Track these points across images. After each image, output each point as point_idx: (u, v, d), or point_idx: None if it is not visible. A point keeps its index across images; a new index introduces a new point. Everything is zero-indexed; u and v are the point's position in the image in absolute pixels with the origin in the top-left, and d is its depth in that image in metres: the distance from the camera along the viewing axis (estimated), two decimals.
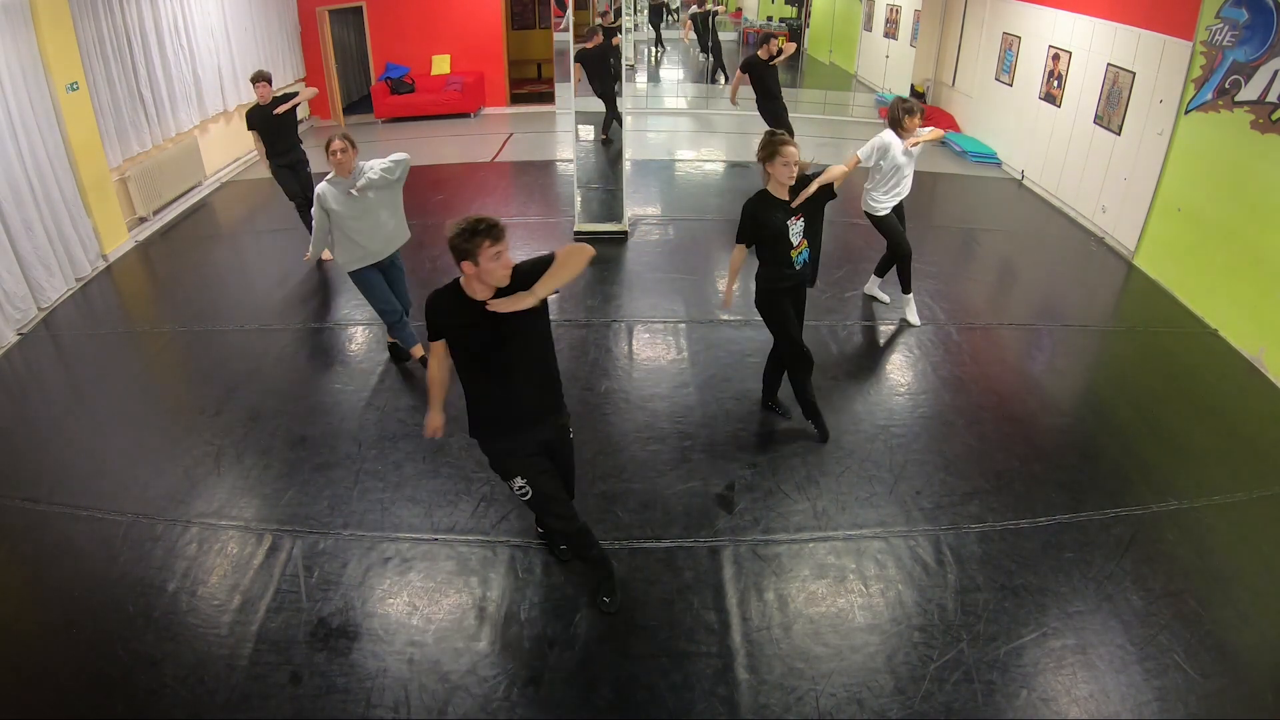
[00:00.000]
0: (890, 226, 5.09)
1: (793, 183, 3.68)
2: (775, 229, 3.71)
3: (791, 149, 3.60)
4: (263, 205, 7.54)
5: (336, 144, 4.16)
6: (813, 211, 3.77)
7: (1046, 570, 3.32)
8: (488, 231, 2.54)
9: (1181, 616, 3.11)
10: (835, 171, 3.73)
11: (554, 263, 2.64)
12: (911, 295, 5.29)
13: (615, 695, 2.80)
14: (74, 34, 5.81)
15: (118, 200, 6.47)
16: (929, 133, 4.86)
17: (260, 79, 5.91)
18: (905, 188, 4.98)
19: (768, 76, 7.61)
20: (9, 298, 5.16)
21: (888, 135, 4.82)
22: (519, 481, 2.85)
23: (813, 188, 3.68)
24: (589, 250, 2.67)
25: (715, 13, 13.27)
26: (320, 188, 4.26)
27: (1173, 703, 2.77)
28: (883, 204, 5.01)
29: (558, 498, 2.93)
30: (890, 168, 4.87)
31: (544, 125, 10.59)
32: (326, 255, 5.80)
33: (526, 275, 2.65)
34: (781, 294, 3.89)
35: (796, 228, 3.74)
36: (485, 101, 11.17)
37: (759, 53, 7.48)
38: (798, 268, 3.82)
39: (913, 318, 5.30)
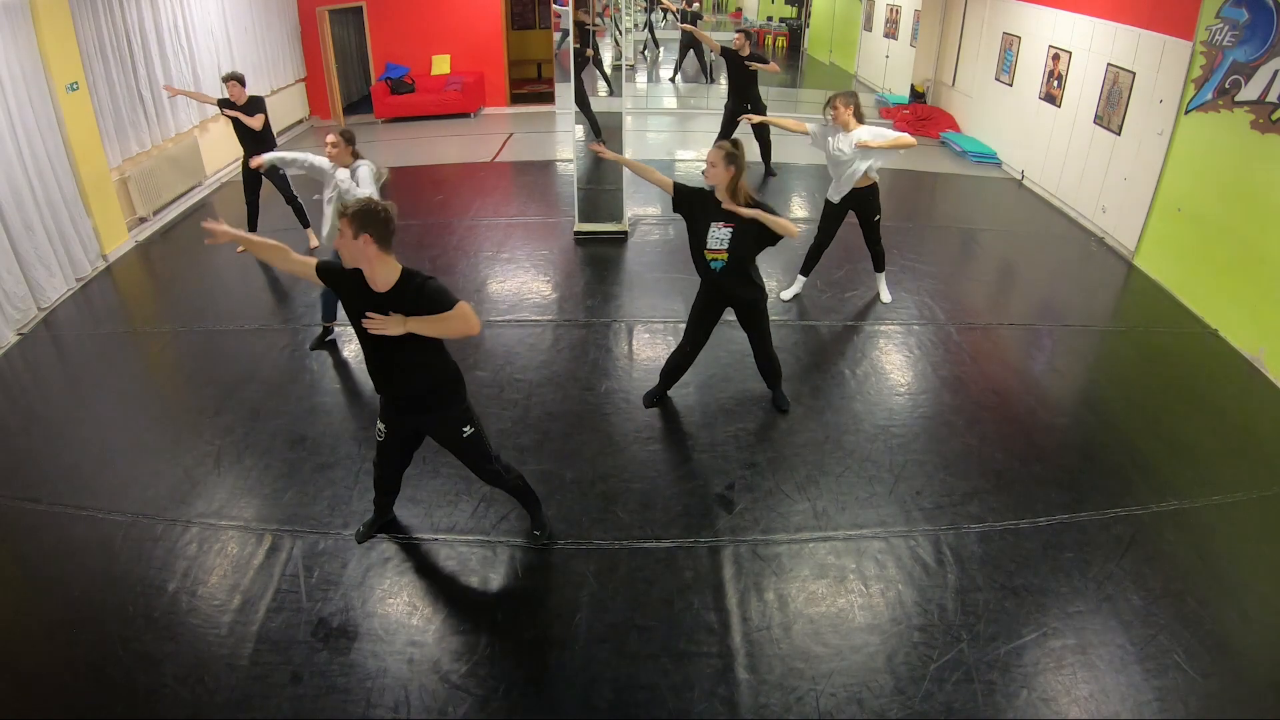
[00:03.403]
0: (824, 214, 5.30)
1: (715, 185, 3.70)
2: (697, 222, 3.82)
3: (709, 152, 3.70)
4: (262, 205, 7.53)
5: (330, 137, 4.50)
6: (753, 236, 3.73)
7: (1046, 570, 3.32)
8: (349, 216, 2.66)
9: (1181, 616, 3.11)
10: (779, 222, 3.63)
11: (444, 313, 2.71)
12: (804, 279, 5.60)
13: (615, 695, 2.80)
14: (74, 34, 5.81)
15: (118, 200, 6.47)
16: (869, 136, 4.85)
17: (229, 78, 5.96)
18: (841, 182, 5.08)
19: (737, 73, 7.65)
20: (9, 298, 5.16)
21: (814, 126, 5.10)
22: (380, 425, 3.12)
23: (745, 211, 3.65)
24: (476, 327, 2.75)
25: (699, 15, 13.46)
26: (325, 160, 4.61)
27: (1173, 703, 2.77)
28: (830, 192, 5.22)
29: (385, 461, 3.23)
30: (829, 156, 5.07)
31: (544, 125, 10.59)
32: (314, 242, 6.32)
33: (415, 294, 2.73)
34: (703, 287, 4.02)
35: (720, 234, 3.75)
36: (485, 101, 11.17)
37: (734, 42, 7.55)
38: (712, 270, 3.86)
39: (786, 294, 5.60)
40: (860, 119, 4.94)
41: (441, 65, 10.85)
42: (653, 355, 4.93)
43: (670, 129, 10.74)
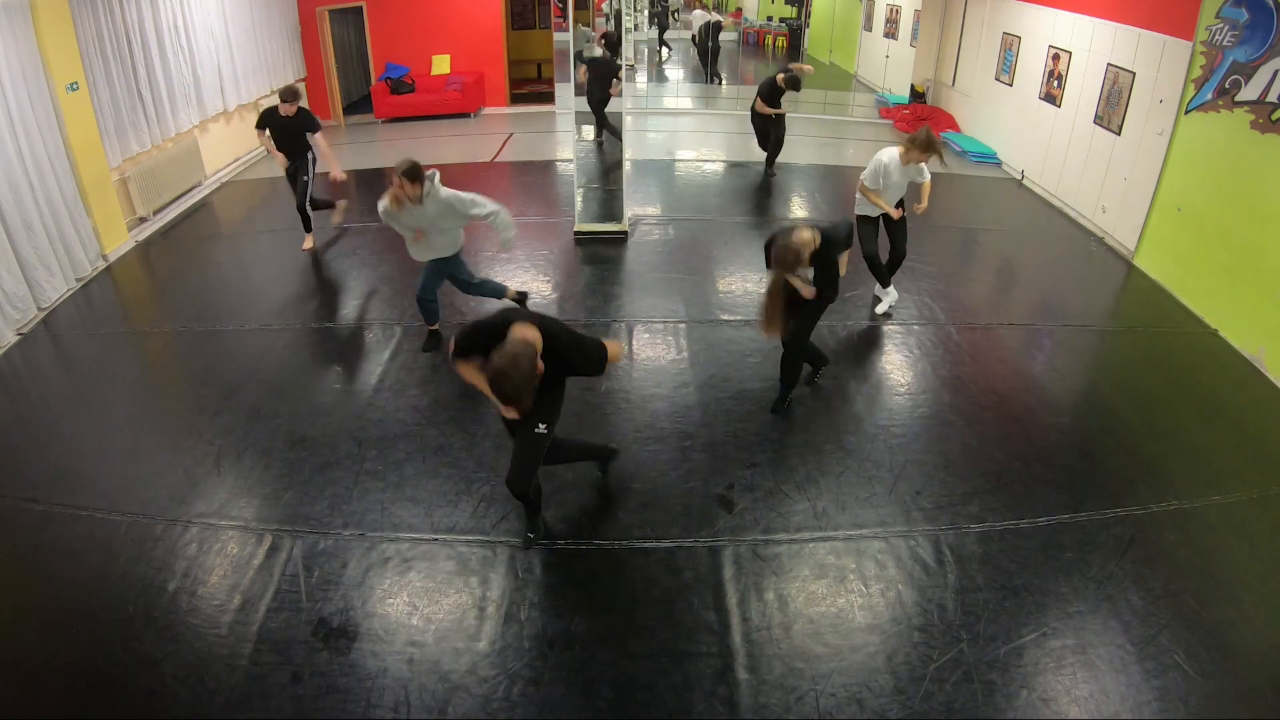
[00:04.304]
0: (863, 232, 5.23)
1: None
2: None
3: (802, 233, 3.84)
4: (262, 205, 7.55)
5: (395, 181, 4.29)
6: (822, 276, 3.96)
7: (1046, 570, 3.32)
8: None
9: (1181, 616, 3.11)
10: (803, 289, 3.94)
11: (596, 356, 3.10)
12: (890, 289, 5.51)
13: (615, 695, 2.80)
14: (74, 34, 5.81)
15: (118, 200, 6.47)
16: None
17: (289, 97, 5.99)
18: (892, 200, 5.16)
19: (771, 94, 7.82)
20: (9, 298, 5.16)
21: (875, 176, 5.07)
22: (542, 426, 3.15)
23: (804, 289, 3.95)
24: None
25: (719, 23, 13.53)
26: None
27: (1173, 703, 2.77)
28: (871, 210, 5.21)
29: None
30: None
31: (544, 125, 10.59)
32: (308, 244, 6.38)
33: (565, 350, 2.98)
34: None
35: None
36: (485, 101, 11.17)
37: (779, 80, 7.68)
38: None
39: (881, 307, 5.50)
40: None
41: (441, 65, 10.84)
42: (653, 355, 4.93)
43: (670, 129, 10.74)
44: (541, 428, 3.10)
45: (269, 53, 9.23)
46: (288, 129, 6.07)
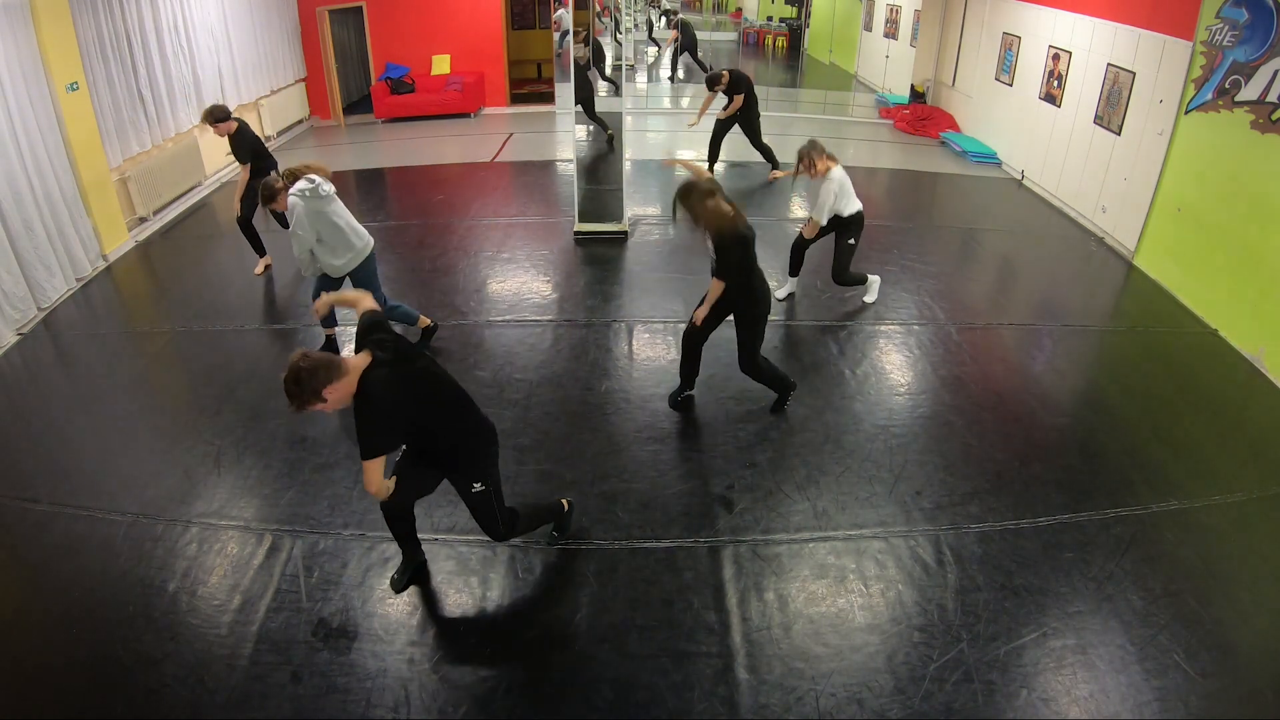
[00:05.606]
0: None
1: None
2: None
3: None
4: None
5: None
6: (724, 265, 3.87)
7: (1046, 570, 3.32)
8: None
9: (1181, 616, 3.11)
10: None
11: None
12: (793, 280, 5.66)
13: (615, 695, 2.80)
14: (74, 34, 5.81)
15: (118, 200, 6.47)
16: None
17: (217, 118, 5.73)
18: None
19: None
20: (9, 298, 5.16)
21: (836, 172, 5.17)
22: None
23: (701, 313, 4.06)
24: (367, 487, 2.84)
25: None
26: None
27: (1173, 703, 2.77)
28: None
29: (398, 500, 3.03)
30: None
31: (544, 125, 10.59)
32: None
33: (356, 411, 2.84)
34: None
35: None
36: (485, 101, 11.17)
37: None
38: None
39: (780, 292, 5.60)
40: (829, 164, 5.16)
41: (441, 65, 10.85)
42: (653, 355, 4.93)
43: (670, 129, 10.74)
44: (478, 486, 2.93)
45: (269, 53, 9.23)
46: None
